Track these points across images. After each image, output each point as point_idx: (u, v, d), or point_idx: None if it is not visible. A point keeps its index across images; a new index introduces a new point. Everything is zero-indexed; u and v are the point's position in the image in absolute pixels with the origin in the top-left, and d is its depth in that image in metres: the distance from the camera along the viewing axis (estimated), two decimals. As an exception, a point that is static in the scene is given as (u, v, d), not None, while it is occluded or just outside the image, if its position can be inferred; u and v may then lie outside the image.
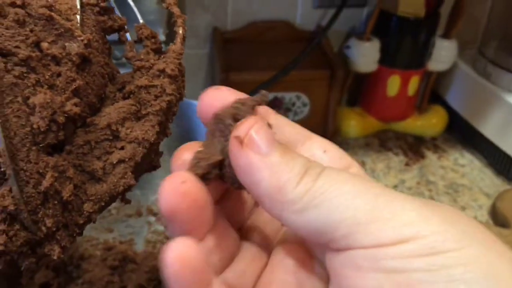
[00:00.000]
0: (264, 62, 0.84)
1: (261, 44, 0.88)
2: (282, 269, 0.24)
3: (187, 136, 0.47)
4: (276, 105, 0.84)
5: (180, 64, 0.27)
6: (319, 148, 0.25)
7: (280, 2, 0.86)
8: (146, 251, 0.53)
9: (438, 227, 0.19)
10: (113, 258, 0.51)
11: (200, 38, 0.87)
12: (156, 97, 0.26)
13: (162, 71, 0.26)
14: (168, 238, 0.54)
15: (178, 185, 0.21)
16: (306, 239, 0.23)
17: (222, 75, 0.78)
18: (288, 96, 0.83)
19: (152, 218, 0.54)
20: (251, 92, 0.79)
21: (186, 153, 0.23)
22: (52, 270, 0.47)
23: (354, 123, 0.87)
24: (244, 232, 0.26)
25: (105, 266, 0.51)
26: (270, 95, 0.82)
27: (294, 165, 0.20)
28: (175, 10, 0.27)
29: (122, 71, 0.29)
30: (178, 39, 0.27)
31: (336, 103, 0.84)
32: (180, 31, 0.27)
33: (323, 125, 0.85)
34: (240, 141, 0.21)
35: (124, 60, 0.28)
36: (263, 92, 0.24)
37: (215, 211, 0.23)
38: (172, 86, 0.26)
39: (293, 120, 0.30)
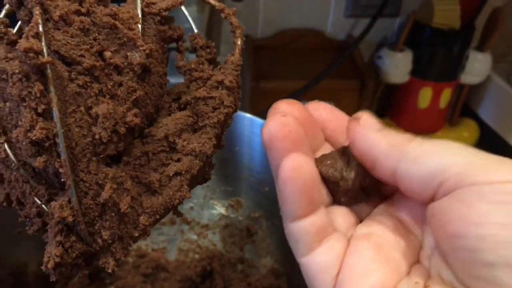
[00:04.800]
0: (294, 70, 0.83)
1: (291, 52, 0.87)
2: (381, 225, 0.26)
3: (228, 145, 0.47)
4: (305, 114, 0.83)
5: (237, 75, 0.26)
6: None
7: (311, 11, 0.86)
8: (179, 260, 0.52)
9: None
10: (146, 266, 0.50)
11: (229, 45, 0.86)
12: (214, 109, 0.25)
13: (221, 82, 0.26)
14: (200, 247, 0.54)
15: (279, 117, 0.25)
16: (413, 192, 0.25)
17: (252, 83, 0.78)
18: (318, 106, 0.82)
19: (185, 227, 0.54)
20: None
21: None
22: (87, 276, 0.47)
23: (384, 135, 0.85)
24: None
25: (137, 273, 0.50)
26: (299, 104, 0.81)
27: (401, 134, 0.24)
28: (234, 20, 0.27)
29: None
30: (237, 50, 0.27)
31: (366, 113, 0.83)
32: (239, 42, 0.27)
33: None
34: (357, 120, 0.26)
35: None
36: None
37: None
38: (230, 98, 0.26)
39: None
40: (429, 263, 0.25)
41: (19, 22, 0.27)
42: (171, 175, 0.25)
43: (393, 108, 0.88)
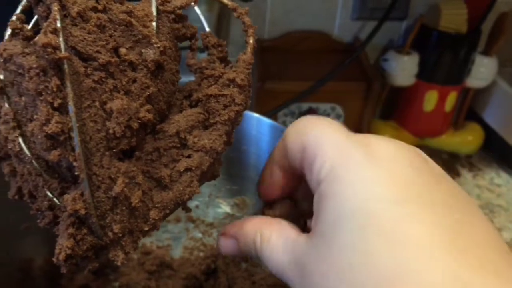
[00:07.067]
0: (300, 72, 0.83)
1: (297, 54, 0.88)
2: None
3: (235, 145, 0.47)
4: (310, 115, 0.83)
5: (249, 74, 0.27)
6: None
7: (318, 13, 0.86)
8: (183, 258, 0.52)
9: None
10: (150, 263, 0.51)
11: (236, 45, 0.87)
12: (225, 106, 0.26)
13: (232, 80, 0.26)
14: (205, 245, 0.54)
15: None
16: None
17: (258, 84, 0.78)
18: (323, 107, 0.82)
19: (191, 225, 0.54)
20: (287, 102, 0.78)
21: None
22: (92, 272, 0.47)
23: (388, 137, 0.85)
24: None
25: (142, 270, 0.51)
26: (305, 105, 0.82)
27: None
28: (246, 20, 0.27)
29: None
30: (249, 49, 0.27)
31: (370, 116, 0.83)
32: (251, 41, 0.27)
33: (356, 137, 0.85)
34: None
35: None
36: None
37: None
38: (241, 96, 0.26)
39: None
40: None
41: (34, 18, 0.27)
42: (181, 170, 0.25)
43: (398, 111, 0.88)
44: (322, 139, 0.24)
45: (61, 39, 0.21)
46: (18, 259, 0.47)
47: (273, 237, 0.26)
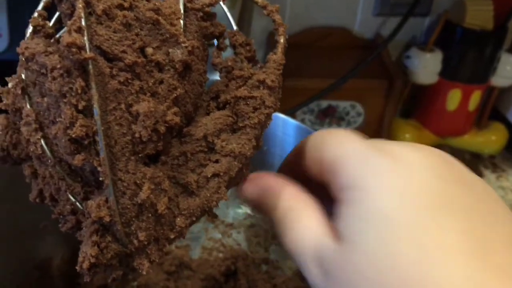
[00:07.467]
0: (320, 68, 0.82)
1: (317, 50, 0.86)
2: None
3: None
4: (329, 113, 0.82)
5: (279, 75, 0.25)
6: None
7: (338, 9, 0.84)
8: (202, 258, 0.52)
9: None
10: (169, 263, 0.50)
11: (256, 42, 0.85)
12: (255, 109, 0.25)
13: (262, 82, 0.25)
14: (224, 246, 0.53)
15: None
16: None
17: (278, 80, 0.77)
18: (343, 105, 0.81)
19: (210, 225, 0.53)
20: (306, 99, 0.76)
21: None
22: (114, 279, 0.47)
23: (409, 136, 0.84)
24: None
25: (161, 271, 0.50)
26: (324, 103, 0.80)
27: None
28: (277, 18, 0.26)
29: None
30: (279, 49, 0.26)
31: (392, 114, 0.81)
32: (281, 40, 0.26)
33: (376, 136, 0.82)
34: None
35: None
36: None
37: None
38: (271, 98, 0.25)
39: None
40: None
41: (55, 15, 0.26)
42: (209, 176, 0.24)
43: (420, 109, 0.86)
44: (342, 150, 0.24)
45: (86, 38, 0.20)
46: (36, 258, 0.46)
47: (304, 222, 0.25)
